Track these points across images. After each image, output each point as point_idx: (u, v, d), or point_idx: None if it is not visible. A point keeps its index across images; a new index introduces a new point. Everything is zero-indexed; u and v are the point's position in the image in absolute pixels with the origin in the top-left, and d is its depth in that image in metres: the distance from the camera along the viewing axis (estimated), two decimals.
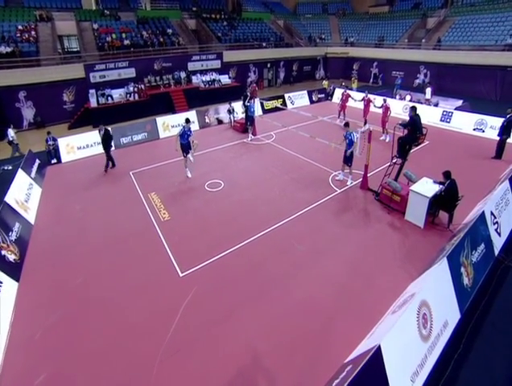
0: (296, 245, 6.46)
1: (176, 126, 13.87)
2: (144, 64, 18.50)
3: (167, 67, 19.44)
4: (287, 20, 31.19)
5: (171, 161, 10.84)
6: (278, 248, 6.36)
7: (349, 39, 29.53)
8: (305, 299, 5.22)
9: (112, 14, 21.15)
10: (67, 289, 5.60)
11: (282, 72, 27.12)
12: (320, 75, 30.04)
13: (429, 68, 22.07)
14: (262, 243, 6.53)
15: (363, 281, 5.57)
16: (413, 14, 27.39)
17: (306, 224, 7.11)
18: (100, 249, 6.56)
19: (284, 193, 8.41)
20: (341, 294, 5.31)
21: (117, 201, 8.39)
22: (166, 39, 20.99)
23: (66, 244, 6.77)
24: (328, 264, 5.96)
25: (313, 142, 11.68)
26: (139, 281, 5.68)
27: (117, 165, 10.67)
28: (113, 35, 19.05)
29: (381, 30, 28.30)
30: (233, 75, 23.04)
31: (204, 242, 6.61)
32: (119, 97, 16.76)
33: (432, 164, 9.58)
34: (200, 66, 21.00)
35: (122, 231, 7.11)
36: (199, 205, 8.01)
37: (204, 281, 5.63)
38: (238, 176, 9.47)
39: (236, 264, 5.99)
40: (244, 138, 12.96)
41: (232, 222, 7.25)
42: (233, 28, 25.67)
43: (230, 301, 5.20)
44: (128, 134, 12.64)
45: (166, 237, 6.81)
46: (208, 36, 24.07)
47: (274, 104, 17.41)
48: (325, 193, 8.38)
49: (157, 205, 8.07)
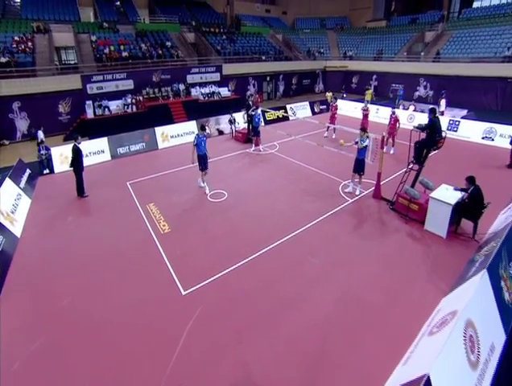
0: (310, 258, 5.99)
1: (176, 136, 13.63)
2: (142, 76, 18.45)
3: (165, 79, 19.40)
4: (286, 35, 31.67)
5: (170, 171, 10.57)
6: (290, 262, 5.90)
7: (348, 52, 29.94)
8: (323, 318, 4.69)
9: (110, 26, 21.23)
10: (52, 310, 4.99)
11: (282, 86, 27.19)
12: (320, 89, 30.23)
13: (429, 80, 22.19)
14: (272, 257, 6.06)
15: (386, 297, 5.07)
16: (411, 29, 27.92)
17: (318, 236, 6.70)
18: (92, 265, 6.02)
19: (293, 203, 8.07)
20: (363, 311, 4.80)
21: (112, 213, 7.94)
22: (164, 51, 21.01)
23: (54, 259, 6.22)
24: (345, 278, 5.48)
25: (319, 151, 11.43)
26: (136, 301, 5.11)
27: (113, 176, 10.26)
28: (111, 47, 18.99)
29: (380, 44, 28.75)
30: (232, 88, 23.02)
31: (209, 256, 6.13)
32: (116, 109, 16.60)
33: (445, 172, 9.23)
34: (199, 78, 21.03)
35: (118, 244, 6.60)
36: (201, 216, 7.59)
37: (210, 299, 5.08)
38: (243, 186, 9.13)
39: (244, 280, 5.48)
40: (246, 148, 12.76)
41: (238, 234, 6.80)
42: (232, 42, 25.89)
43: (240, 323, 4.63)
44: (125, 144, 12.37)
45: (166, 251, 6.30)
46: (207, 49, 24.21)
47: (275, 115, 17.25)
48: (336, 203, 8.04)
49: (156, 217, 7.63)
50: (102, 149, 11.75)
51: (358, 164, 8.27)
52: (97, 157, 11.54)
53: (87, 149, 10.84)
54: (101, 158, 11.62)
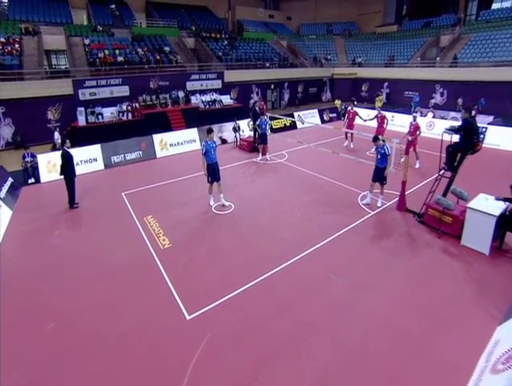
0: (332, 277, 5.63)
1: (175, 145, 13.55)
2: (139, 82, 18.56)
3: (163, 85, 19.53)
4: (291, 41, 32.26)
5: (170, 181, 10.42)
6: (310, 282, 5.54)
7: (357, 59, 30.32)
8: (353, 348, 4.27)
9: (105, 30, 21.54)
10: (33, 337, 4.57)
11: (287, 94, 27.39)
12: (327, 98, 30.46)
13: (446, 87, 22.27)
14: (289, 275, 5.71)
15: (426, 323, 4.65)
16: (424, 33, 28.35)
17: (340, 252, 6.38)
18: (81, 285, 5.64)
19: (308, 216, 7.83)
20: (400, 340, 4.37)
21: (105, 226, 7.68)
22: (163, 56, 21.22)
23: (36, 279, 5.85)
24: (375, 301, 5.09)
25: (332, 160, 11.43)
26: (133, 327, 4.68)
27: (106, 186, 10.09)
28: (105, 51, 19.17)
29: (391, 49, 29.16)
30: (234, 96, 23.18)
31: (216, 275, 5.78)
32: (111, 116, 16.58)
33: (478, 182, 8.91)
34: (199, 86, 21.21)
35: (111, 261, 6.27)
36: (206, 230, 7.33)
37: (219, 325, 4.66)
38: (251, 197, 8.98)
39: (258, 302, 5.09)
40: (253, 158, 12.68)
41: (248, 250, 6.50)
42: (234, 48, 26.27)
43: (254, 355, 4.20)
44: (120, 152, 12.24)
45: (167, 269, 5.96)
46: (207, 55, 24.53)
47: (282, 123, 17.27)
48: (356, 215, 7.77)
49: (155, 230, 7.36)
50: (95, 158, 11.61)
51: (378, 173, 8.02)
52: (88, 165, 11.38)
53: (77, 157, 10.62)
54: (93, 167, 11.47)
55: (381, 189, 8.21)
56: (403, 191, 8.02)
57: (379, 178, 8.04)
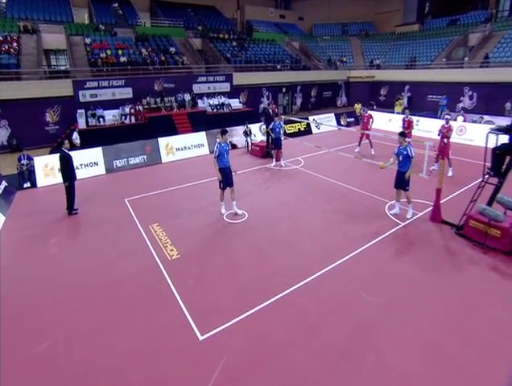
0: (363, 295, 5.34)
1: (182, 149, 13.56)
2: (143, 84, 18.75)
3: (169, 88, 19.72)
4: (303, 42, 32.59)
5: (177, 187, 10.41)
6: (338, 300, 5.27)
7: (375, 61, 30.41)
8: (394, 377, 3.94)
9: (107, 29, 21.97)
10: (25, 357, 4.32)
11: (299, 98, 27.45)
12: (342, 102, 30.47)
13: (475, 89, 21.96)
14: (313, 292, 5.45)
15: (477, 351, 4.30)
16: (450, 31, 28.33)
17: (369, 267, 6.11)
18: (79, 299, 5.42)
19: (330, 226, 7.65)
20: (448, 370, 4.02)
21: (106, 234, 7.57)
22: (168, 57, 21.52)
23: (31, 291, 5.66)
24: (415, 323, 4.78)
25: (353, 167, 11.51)
26: (138, 348, 4.41)
27: (108, 191, 10.08)
28: (107, 51, 19.47)
29: (412, 50, 29.15)
30: (243, 100, 23.31)
31: (230, 289, 5.56)
32: (113, 119, 16.71)
33: None
34: (206, 88, 21.39)
35: (113, 273, 6.08)
36: (217, 240, 7.21)
37: (236, 348, 4.38)
38: (265, 206, 8.89)
39: (279, 323, 4.81)
40: (265, 164, 12.67)
41: (265, 262, 6.29)
42: (243, 49, 26.59)
43: (278, 383, 3.88)
44: (123, 156, 12.28)
45: (176, 282, 5.74)
46: (215, 57, 24.84)
47: (296, 128, 17.34)
48: (385, 226, 7.54)
49: (162, 239, 7.23)
50: (96, 161, 11.63)
51: (400, 178, 7.79)
52: (88, 170, 11.40)
53: (77, 161, 10.61)
54: (93, 172, 11.49)
55: (407, 197, 7.90)
56: (438, 200, 7.72)
57: (401, 183, 7.79)
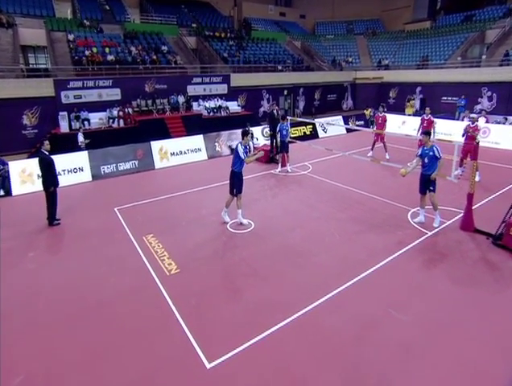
0: (393, 313, 5.11)
1: (177, 154, 13.56)
2: (132, 85, 18.81)
3: (161, 89, 19.84)
4: (306, 41, 33.07)
5: (173, 195, 10.35)
6: (365, 320, 5.02)
7: (383, 61, 30.76)
8: None
9: (93, 25, 22.08)
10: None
11: (302, 101, 27.60)
12: (348, 106, 30.65)
13: (495, 90, 22.06)
14: (336, 310, 5.22)
15: None
16: (465, 28, 28.77)
17: (398, 281, 5.94)
18: (62, 321, 5.11)
19: (347, 236, 7.56)
20: None
21: (94, 247, 7.36)
22: (160, 56, 21.66)
23: (3, 314, 5.30)
24: (459, 345, 4.53)
25: (367, 172, 11.78)
26: (136, 380, 4.09)
27: (95, 199, 10.01)
28: (93, 49, 19.53)
29: (424, 49, 29.55)
30: (242, 103, 23.43)
31: (239, 308, 5.34)
32: (99, 122, 16.69)
33: None
34: (202, 90, 21.57)
35: (103, 291, 5.80)
36: (221, 252, 7.11)
37: (250, 377, 4.08)
38: (273, 214, 8.86)
39: (300, 347, 4.53)
40: (270, 169, 12.72)
41: (277, 277, 6.11)
42: (241, 48, 26.88)
43: None
44: (111, 161, 12.22)
45: (176, 300, 5.46)
46: (211, 56, 25.07)
47: (302, 132, 17.50)
48: (410, 236, 7.42)
49: (158, 252, 7.02)
50: (81, 167, 11.55)
51: (425, 181, 7.65)
52: (72, 176, 11.30)
53: (59, 166, 10.50)
54: (78, 178, 11.43)
55: (433, 203, 7.70)
56: (470, 206, 7.56)
57: (426, 186, 7.62)
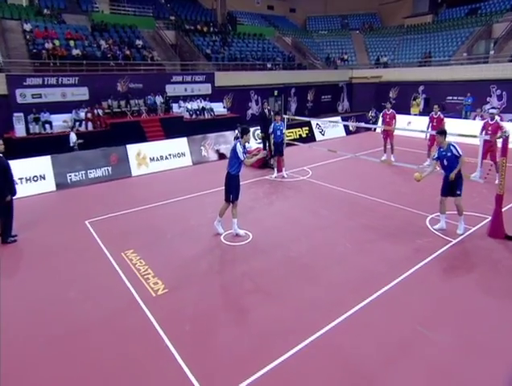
0: (426, 333, 4.98)
1: (158, 160, 13.53)
2: (102, 83, 18.71)
3: (135, 88, 19.80)
4: (296, 37, 33.63)
5: (155, 205, 10.27)
6: (394, 340, 4.87)
7: (381, 58, 31.38)
8: None
9: (54, 14, 21.94)
10: None
11: (294, 103, 27.90)
12: (344, 108, 31.04)
13: (504, 88, 22.53)
14: (357, 330, 5.08)
15: None
16: (470, 22, 29.61)
17: (424, 295, 5.90)
18: (25, 356, 4.74)
19: (360, 246, 7.58)
20: None
21: (61, 267, 7.04)
22: (134, 52, 21.66)
23: None
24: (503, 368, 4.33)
25: (374, 176, 12.18)
26: None
27: (61, 212, 9.85)
28: (55, 42, 19.33)
29: (426, 45, 30.27)
30: (228, 105, 23.52)
31: (243, 333, 5.13)
32: (63, 126, 16.57)
33: None
34: (183, 90, 21.66)
35: (77, 318, 5.44)
36: (215, 267, 7.09)
37: None
38: (273, 224, 8.91)
39: (318, 375, 4.30)
40: (264, 175, 12.85)
41: (285, 295, 5.99)
42: (226, 44, 27.13)
43: None
44: (79, 168, 12.01)
45: (166, 326, 5.14)
46: (192, 53, 25.21)
47: (297, 134, 17.67)
48: (431, 245, 7.43)
49: (140, 270, 6.74)
50: (42, 174, 11.32)
51: (450, 184, 7.63)
52: (32, 185, 11.08)
53: (16, 174, 10.16)
54: (39, 188, 11.20)
55: (458, 207, 7.65)
56: (499, 209, 7.53)
57: (451, 188, 7.59)
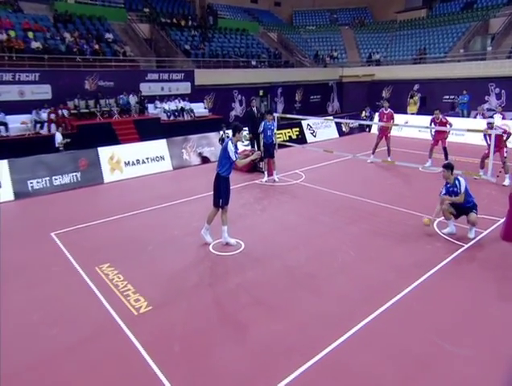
0: (447, 347, 4.84)
1: (134, 164, 13.40)
2: (67, 80, 18.53)
3: (106, 87, 19.70)
4: (282, 33, 34.01)
5: (133, 213, 10.11)
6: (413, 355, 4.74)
7: (374, 56, 31.94)
8: None
9: (8, 1, 21.65)
10: None
11: (281, 103, 28.14)
12: (334, 108, 31.42)
13: (503, 86, 23.06)
14: (368, 345, 4.95)
15: None
16: (466, 17, 30.36)
17: (440, 305, 5.86)
18: None
19: (365, 253, 7.61)
20: None
21: (23, 287, 6.70)
22: (103, 46, 21.58)
23: None
24: None
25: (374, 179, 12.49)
26: None
27: (22, 224, 9.56)
28: (10, 32, 19.01)
29: (420, 41, 30.97)
30: (209, 106, 23.57)
31: (242, 352, 4.93)
32: (22, 128, 16.53)
33: None
34: (159, 89, 21.71)
35: (42, 346, 5.09)
36: (204, 280, 6.96)
37: None
38: (266, 231, 8.94)
39: None
40: (255, 179, 12.96)
41: (287, 308, 5.90)
42: (206, 40, 27.24)
43: None
44: (42, 174, 11.77)
45: (151, 349, 4.86)
46: (169, 48, 25.23)
47: (286, 135, 17.76)
48: (442, 250, 7.53)
49: (119, 286, 6.49)
50: None
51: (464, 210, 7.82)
52: None
53: None
54: None
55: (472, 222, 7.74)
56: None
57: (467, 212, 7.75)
